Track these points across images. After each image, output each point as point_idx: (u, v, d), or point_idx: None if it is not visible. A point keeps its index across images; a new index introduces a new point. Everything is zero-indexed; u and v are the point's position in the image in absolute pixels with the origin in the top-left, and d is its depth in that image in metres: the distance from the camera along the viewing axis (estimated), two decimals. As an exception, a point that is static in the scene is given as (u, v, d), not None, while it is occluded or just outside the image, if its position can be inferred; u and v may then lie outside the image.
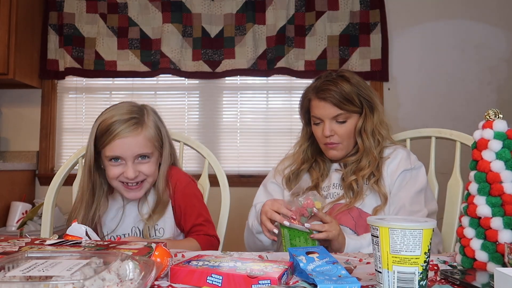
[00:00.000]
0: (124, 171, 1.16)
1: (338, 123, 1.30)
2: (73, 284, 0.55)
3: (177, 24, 2.91)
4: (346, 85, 1.29)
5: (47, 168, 2.96)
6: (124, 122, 1.15)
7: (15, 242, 0.94)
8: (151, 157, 1.20)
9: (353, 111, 1.31)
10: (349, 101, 1.29)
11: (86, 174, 1.21)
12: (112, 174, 1.17)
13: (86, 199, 1.21)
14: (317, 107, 1.31)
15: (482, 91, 2.81)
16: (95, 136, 1.17)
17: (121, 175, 1.17)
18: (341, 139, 1.31)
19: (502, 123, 0.83)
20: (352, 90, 1.29)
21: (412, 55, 2.86)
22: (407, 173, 1.26)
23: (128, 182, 1.17)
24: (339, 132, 1.30)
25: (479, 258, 0.80)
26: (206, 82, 2.96)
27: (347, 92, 1.28)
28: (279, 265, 0.76)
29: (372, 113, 1.32)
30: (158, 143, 1.22)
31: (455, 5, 2.85)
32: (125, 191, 1.20)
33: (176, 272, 0.74)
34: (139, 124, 1.17)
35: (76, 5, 2.96)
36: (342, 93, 1.28)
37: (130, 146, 1.14)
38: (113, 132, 1.13)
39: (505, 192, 0.79)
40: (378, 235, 0.64)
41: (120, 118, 1.15)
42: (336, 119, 1.30)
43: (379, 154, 1.30)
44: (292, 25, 2.87)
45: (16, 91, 2.98)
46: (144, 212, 1.24)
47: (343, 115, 1.30)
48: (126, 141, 1.14)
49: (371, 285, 0.71)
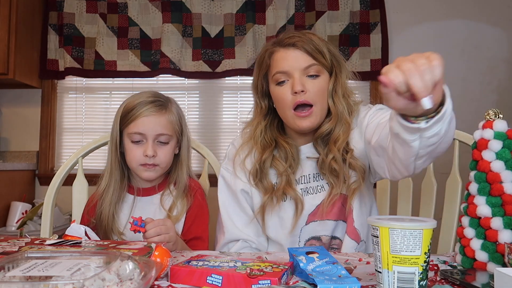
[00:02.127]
0: (144, 150, 1.20)
1: (309, 78, 1.08)
2: (73, 284, 0.55)
3: (177, 24, 2.91)
4: (314, 36, 1.10)
5: (47, 168, 2.96)
6: (149, 103, 1.21)
7: (15, 242, 0.94)
8: (169, 142, 1.24)
9: (324, 66, 1.10)
10: (320, 52, 1.08)
11: (113, 152, 1.24)
12: (133, 155, 1.21)
13: (115, 175, 1.25)
14: (284, 58, 1.08)
15: (482, 91, 2.81)
16: (120, 117, 1.22)
17: (140, 157, 1.20)
18: (314, 98, 1.07)
19: (502, 123, 0.83)
20: (321, 42, 1.10)
21: (412, 55, 2.86)
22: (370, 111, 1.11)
23: (146, 162, 1.21)
24: (311, 89, 1.07)
25: (479, 258, 0.80)
26: (206, 82, 2.96)
27: (316, 43, 1.08)
28: (279, 265, 0.76)
29: (341, 74, 1.12)
30: (179, 128, 1.26)
31: (455, 5, 2.85)
32: (142, 170, 1.23)
33: (176, 272, 0.74)
34: (163, 107, 1.22)
35: (76, 5, 2.96)
36: (312, 41, 1.08)
37: (153, 124, 1.20)
38: (139, 110, 1.19)
39: (505, 192, 0.79)
40: (378, 235, 0.64)
41: (145, 99, 1.21)
42: (307, 72, 1.08)
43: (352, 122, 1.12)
44: (292, 25, 2.87)
45: (16, 91, 2.98)
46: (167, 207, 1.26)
47: (315, 67, 1.08)
48: (150, 119, 1.19)
49: (371, 285, 0.71)
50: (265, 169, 1.14)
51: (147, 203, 1.27)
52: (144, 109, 1.19)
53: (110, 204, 1.22)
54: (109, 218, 1.21)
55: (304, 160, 1.16)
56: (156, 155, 1.21)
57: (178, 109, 1.29)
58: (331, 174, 1.10)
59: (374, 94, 2.86)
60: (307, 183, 1.14)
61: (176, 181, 1.28)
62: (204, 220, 1.28)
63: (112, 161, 1.25)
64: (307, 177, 1.15)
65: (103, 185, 1.25)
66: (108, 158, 1.27)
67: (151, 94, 1.24)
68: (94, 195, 1.29)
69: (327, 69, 1.11)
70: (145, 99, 1.21)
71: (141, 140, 1.21)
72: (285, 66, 1.08)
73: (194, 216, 1.26)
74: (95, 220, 1.24)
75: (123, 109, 1.22)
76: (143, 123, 1.19)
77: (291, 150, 1.14)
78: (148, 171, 1.22)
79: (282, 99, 1.09)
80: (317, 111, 1.09)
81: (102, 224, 1.22)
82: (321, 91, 1.09)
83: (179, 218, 1.23)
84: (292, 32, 1.13)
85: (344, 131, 1.10)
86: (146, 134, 1.20)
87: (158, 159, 1.21)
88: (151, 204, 1.27)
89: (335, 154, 1.08)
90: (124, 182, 1.28)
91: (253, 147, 1.17)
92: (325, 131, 1.11)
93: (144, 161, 1.20)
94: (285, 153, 1.14)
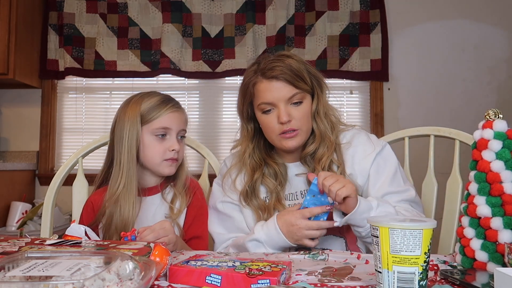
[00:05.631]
0: (169, 145, 1.21)
1: (293, 105, 1.13)
2: (73, 284, 0.55)
3: (177, 24, 2.91)
4: (292, 61, 1.13)
5: (47, 168, 2.96)
6: (171, 100, 1.25)
7: (15, 242, 0.94)
8: (184, 139, 1.28)
9: (306, 91, 1.15)
10: (300, 78, 1.13)
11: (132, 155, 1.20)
12: (157, 151, 1.21)
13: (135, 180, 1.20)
14: (268, 89, 1.12)
15: (482, 91, 2.81)
16: (140, 117, 1.20)
17: (164, 152, 1.21)
18: (299, 124, 1.13)
19: (502, 123, 0.83)
20: (300, 66, 1.14)
21: (412, 55, 2.86)
22: (378, 159, 1.16)
23: (172, 157, 1.22)
24: (296, 116, 1.13)
25: (479, 258, 0.80)
26: (206, 82, 2.96)
27: (296, 69, 1.12)
28: (277, 265, 0.76)
29: (322, 93, 1.18)
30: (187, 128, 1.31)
31: (455, 5, 2.85)
32: (166, 166, 1.23)
33: (175, 272, 0.74)
34: (179, 105, 1.27)
35: (76, 5, 2.96)
36: (292, 69, 1.12)
37: (178, 120, 1.24)
38: (166, 106, 1.22)
39: (505, 192, 0.79)
40: (378, 235, 0.64)
41: (165, 98, 1.25)
42: (291, 101, 1.13)
43: (335, 139, 1.18)
44: (292, 25, 2.88)
45: (16, 91, 2.98)
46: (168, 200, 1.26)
47: (298, 95, 1.13)
48: (176, 115, 1.23)
49: (371, 285, 0.71)
50: (255, 189, 1.20)
51: (150, 203, 1.27)
52: (170, 105, 1.22)
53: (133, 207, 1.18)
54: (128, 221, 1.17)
55: (293, 178, 1.21)
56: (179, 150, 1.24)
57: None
58: None
59: (374, 94, 2.86)
60: (294, 200, 1.19)
61: (176, 178, 1.29)
62: (204, 219, 1.28)
63: (130, 164, 1.20)
64: (295, 195, 1.20)
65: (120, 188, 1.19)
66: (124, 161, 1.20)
67: (161, 94, 1.26)
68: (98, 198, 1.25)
69: (309, 92, 1.17)
70: (165, 97, 1.24)
71: (166, 134, 1.23)
72: (269, 97, 1.13)
73: (194, 216, 1.27)
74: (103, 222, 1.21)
75: (142, 107, 1.21)
76: (171, 117, 1.22)
77: (280, 169, 1.21)
78: (171, 166, 1.24)
79: (269, 126, 1.16)
80: (302, 133, 1.16)
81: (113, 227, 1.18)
82: (306, 116, 1.16)
83: (179, 213, 1.24)
84: (272, 59, 1.15)
85: (328, 148, 1.16)
86: (172, 128, 1.22)
87: (179, 153, 1.24)
88: (152, 203, 1.27)
89: (320, 171, 1.12)
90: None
91: (242, 168, 1.23)
92: (310, 151, 1.18)
93: (169, 155, 1.22)
94: (274, 171, 1.21)
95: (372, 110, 2.86)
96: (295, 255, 0.97)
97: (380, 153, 1.17)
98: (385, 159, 1.17)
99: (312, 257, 0.94)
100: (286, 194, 1.20)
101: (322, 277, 0.76)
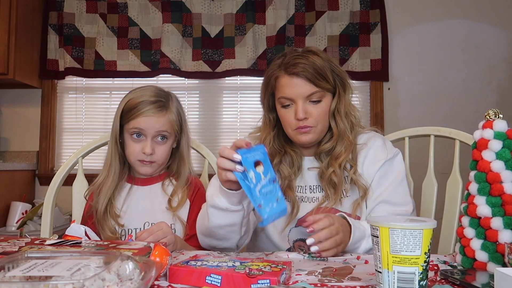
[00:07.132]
0: (142, 147, 1.24)
1: (312, 103, 1.14)
2: (73, 284, 0.55)
3: (177, 24, 2.91)
4: (317, 58, 1.13)
5: (47, 168, 2.96)
6: (151, 103, 1.23)
7: (15, 242, 0.94)
8: (167, 139, 1.27)
9: (327, 89, 1.15)
10: (323, 77, 1.13)
11: (113, 144, 1.28)
12: (132, 150, 1.25)
13: (114, 167, 1.27)
14: (288, 85, 1.14)
15: (482, 91, 2.81)
16: (121, 111, 1.25)
17: (139, 153, 1.24)
18: (315, 122, 1.14)
19: (502, 123, 0.83)
20: (325, 64, 1.14)
21: (412, 55, 2.86)
22: (387, 165, 1.18)
23: (144, 159, 1.24)
24: (313, 114, 1.14)
25: (479, 258, 0.80)
26: (206, 82, 2.96)
27: (319, 67, 1.12)
28: (277, 265, 0.76)
29: (344, 93, 1.19)
30: (178, 128, 1.30)
31: (455, 5, 2.85)
32: (139, 166, 1.27)
33: (175, 272, 0.74)
34: (164, 108, 1.25)
35: (76, 5, 2.96)
36: (315, 67, 1.12)
37: (153, 123, 1.23)
38: (140, 110, 1.22)
39: (505, 192, 0.79)
40: (378, 235, 0.64)
41: (148, 99, 1.24)
42: (310, 99, 1.13)
43: (354, 139, 1.19)
44: (292, 25, 2.88)
45: (16, 91, 2.98)
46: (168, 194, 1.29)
47: (317, 94, 1.13)
48: (150, 119, 1.23)
49: (371, 285, 0.71)
50: None
51: (146, 192, 1.30)
52: (146, 109, 1.22)
53: (108, 190, 1.25)
54: (106, 203, 1.24)
55: (305, 171, 1.22)
56: (154, 153, 1.24)
57: (178, 106, 1.32)
58: (330, 186, 1.16)
59: (374, 94, 2.86)
60: (303, 193, 1.21)
61: (176, 173, 1.31)
62: None
63: (112, 153, 1.28)
64: (304, 188, 1.21)
65: (102, 177, 1.28)
66: (108, 150, 1.30)
67: (154, 93, 1.26)
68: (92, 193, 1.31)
69: (330, 91, 1.17)
70: (148, 98, 1.24)
71: (141, 135, 1.24)
72: (289, 93, 1.14)
73: (197, 213, 1.27)
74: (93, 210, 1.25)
75: (125, 105, 1.25)
76: (144, 121, 1.22)
77: (297, 158, 1.22)
78: (145, 166, 1.26)
79: (286, 120, 1.17)
80: (317, 130, 1.16)
81: (98, 211, 1.23)
82: (323, 114, 1.16)
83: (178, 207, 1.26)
84: (297, 54, 1.15)
85: (346, 148, 1.17)
86: (145, 131, 1.23)
87: (155, 156, 1.25)
88: (150, 193, 1.29)
89: (335, 168, 1.15)
90: (124, 172, 1.31)
91: None
92: (326, 149, 1.18)
93: (142, 157, 1.24)
94: (291, 160, 1.22)
95: (372, 110, 2.86)
96: (295, 255, 0.97)
97: (390, 160, 1.18)
98: (393, 167, 1.18)
99: (312, 257, 0.94)
100: (296, 186, 1.21)
101: (322, 277, 0.76)
